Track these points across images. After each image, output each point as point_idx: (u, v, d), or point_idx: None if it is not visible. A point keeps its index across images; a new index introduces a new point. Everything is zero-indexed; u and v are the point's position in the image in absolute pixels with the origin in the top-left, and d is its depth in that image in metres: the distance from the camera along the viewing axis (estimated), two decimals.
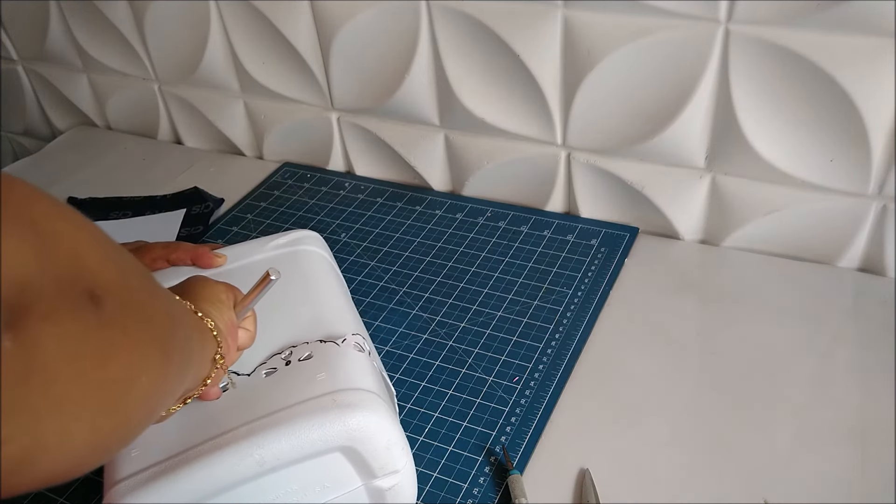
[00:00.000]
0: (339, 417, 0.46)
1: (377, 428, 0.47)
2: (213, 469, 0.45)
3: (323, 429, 0.46)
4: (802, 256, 0.75)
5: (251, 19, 0.89)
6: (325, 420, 0.46)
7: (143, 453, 0.46)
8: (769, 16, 0.63)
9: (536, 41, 0.73)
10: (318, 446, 0.46)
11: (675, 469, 0.58)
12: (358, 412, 0.47)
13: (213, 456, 0.45)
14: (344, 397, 0.47)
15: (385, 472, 0.49)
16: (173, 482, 0.44)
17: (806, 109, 0.66)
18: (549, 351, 0.68)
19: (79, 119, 1.18)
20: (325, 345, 0.52)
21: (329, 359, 0.51)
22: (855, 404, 0.60)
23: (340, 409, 0.46)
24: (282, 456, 0.45)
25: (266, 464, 0.45)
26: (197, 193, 0.95)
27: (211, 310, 0.46)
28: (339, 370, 0.50)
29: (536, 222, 0.84)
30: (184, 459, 0.45)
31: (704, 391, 0.63)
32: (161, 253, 0.60)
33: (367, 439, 0.47)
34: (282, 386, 0.49)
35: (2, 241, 0.25)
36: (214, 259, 0.60)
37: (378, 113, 0.89)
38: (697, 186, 0.76)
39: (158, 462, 0.46)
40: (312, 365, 0.50)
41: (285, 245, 0.62)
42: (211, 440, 0.46)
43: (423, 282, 0.78)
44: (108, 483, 0.46)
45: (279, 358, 0.51)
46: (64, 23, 1.05)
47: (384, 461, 0.49)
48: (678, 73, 0.69)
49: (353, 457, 0.48)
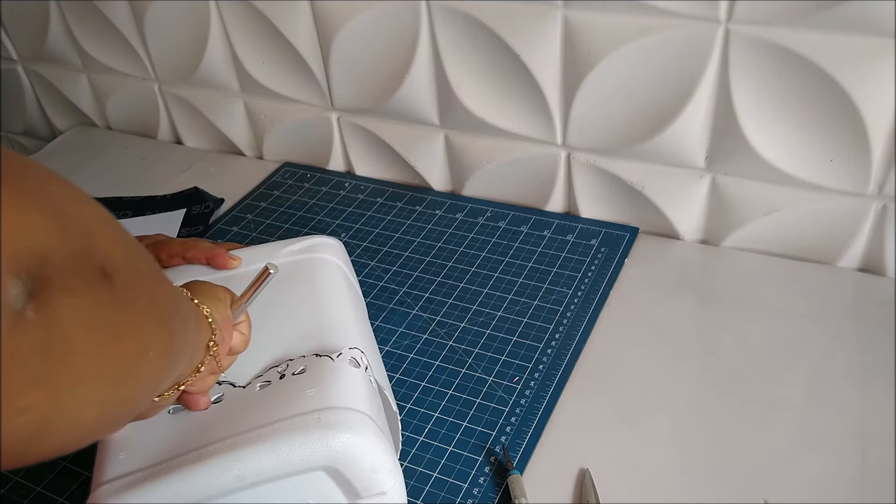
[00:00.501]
0: (322, 437, 0.45)
1: (362, 450, 0.46)
2: (194, 480, 0.44)
3: (304, 448, 0.44)
4: (802, 256, 0.75)
5: (251, 19, 0.89)
6: (307, 439, 0.45)
7: (131, 457, 0.46)
8: (769, 16, 0.63)
9: (536, 41, 0.73)
10: (299, 465, 0.45)
11: (675, 469, 0.58)
12: (342, 433, 0.45)
13: (194, 467, 0.44)
14: (330, 416, 0.45)
15: (370, 493, 0.47)
16: (154, 489, 0.44)
17: (806, 109, 0.66)
18: (549, 351, 0.68)
19: (79, 119, 1.18)
20: (319, 359, 0.50)
21: (321, 374, 0.49)
22: (855, 404, 0.61)
23: (324, 428, 0.45)
24: (262, 472, 0.44)
25: (245, 479, 0.44)
26: (197, 193, 0.95)
27: (207, 302, 0.46)
28: (329, 386, 0.48)
29: (536, 222, 0.84)
30: (167, 468, 0.45)
31: (704, 391, 0.63)
32: (178, 249, 0.60)
33: (351, 461, 0.45)
34: (272, 400, 0.48)
35: (25, 215, 0.26)
36: (229, 261, 0.60)
37: (378, 113, 0.89)
38: (697, 186, 0.76)
39: (144, 468, 0.45)
40: (304, 380, 0.49)
41: (300, 252, 0.61)
42: (195, 451, 0.45)
43: (423, 282, 0.78)
44: (95, 483, 0.46)
45: (275, 371, 0.50)
46: (64, 23, 1.05)
47: (369, 483, 0.47)
48: (678, 73, 0.69)
49: (337, 477, 0.46)
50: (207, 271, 0.59)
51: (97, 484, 0.46)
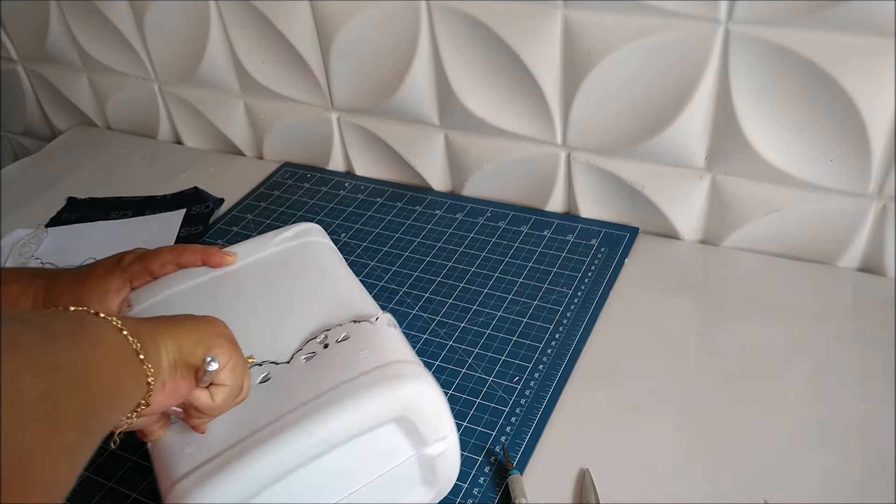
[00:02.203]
0: (393, 389, 0.48)
1: (428, 394, 0.49)
2: (279, 452, 0.45)
3: (379, 401, 0.47)
4: (802, 256, 0.75)
5: (251, 19, 0.89)
6: (381, 392, 0.47)
7: (198, 450, 0.46)
8: (769, 16, 0.63)
9: (536, 41, 0.73)
10: (377, 418, 0.47)
11: (675, 469, 0.58)
12: (410, 382, 0.48)
13: (276, 439, 0.45)
14: (393, 370, 0.49)
15: (435, 438, 0.51)
16: (238, 471, 0.45)
17: (806, 109, 0.66)
18: (549, 351, 0.68)
19: (79, 119, 1.18)
20: (359, 325, 0.53)
21: (367, 337, 0.52)
22: (855, 404, 0.60)
23: (392, 380, 0.48)
24: (344, 432, 0.46)
25: (330, 441, 0.46)
26: (197, 193, 0.95)
27: (176, 340, 0.44)
28: (380, 345, 0.51)
29: (536, 222, 0.84)
30: (245, 447, 0.45)
31: (704, 391, 0.63)
32: (169, 257, 0.60)
33: (420, 408, 0.49)
34: (327, 367, 0.50)
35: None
36: (225, 257, 0.60)
37: (378, 113, 0.89)
38: (697, 186, 0.76)
39: (216, 454, 0.46)
40: (351, 345, 0.51)
41: (292, 238, 0.63)
42: (268, 426, 0.46)
43: (423, 282, 0.78)
44: (167, 484, 0.46)
45: (315, 342, 0.52)
46: (64, 23, 1.05)
47: (434, 427, 0.50)
48: (678, 73, 0.69)
49: (407, 426, 0.49)
50: (203, 272, 0.59)
51: (171, 483, 0.45)
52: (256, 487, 0.45)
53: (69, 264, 0.86)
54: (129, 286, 0.59)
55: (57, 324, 0.37)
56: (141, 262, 0.59)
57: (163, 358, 0.43)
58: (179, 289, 0.58)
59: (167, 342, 0.43)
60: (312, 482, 0.47)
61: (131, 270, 0.59)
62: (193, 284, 0.58)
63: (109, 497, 0.61)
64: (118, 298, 0.59)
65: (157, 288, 0.58)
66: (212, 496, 0.44)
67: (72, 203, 0.97)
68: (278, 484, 0.46)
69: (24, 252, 0.88)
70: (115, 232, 0.91)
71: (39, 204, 0.98)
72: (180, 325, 0.45)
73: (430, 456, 0.51)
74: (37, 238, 0.90)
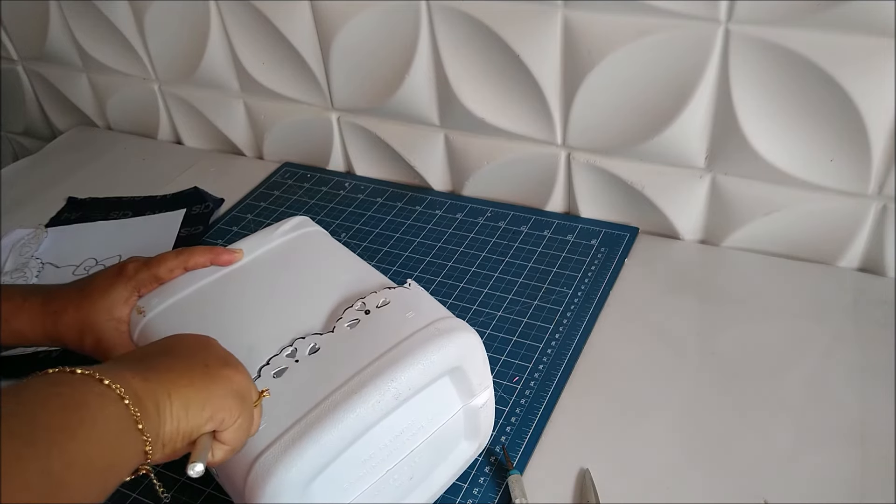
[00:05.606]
0: (449, 341, 0.51)
1: (476, 345, 0.53)
2: (358, 410, 0.46)
3: (441, 352, 0.50)
4: (802, 256, 0.75)
5: (251, 19, 0.89)
6: (440, 344, 0.50)
7: (272, 423, 0.47)
8: (769, 16, 0.63)
9: (536, 41, 0.73)
10: (439, 370, 0.50)
11: (675, 469, 0.58)
12: (462, 333, 0.52)
13: (353, 398, 0.46)
14: (443, 324, 0.52)
15: (482, 387, 0.54)
16: (319, 435, 0.45)
17: (806, 109, 0.66)
18: (549, 351, 0.68)
19: (79, 119, 1.18)
20: (396, 290, 0.55)
21: (408, 300, 0.54)
22: (855, 404, 0.60)
23: (446, 333, 0.51)
24: (413, 385, 0.49)
25: (401, 395, 0.48)
26: (197, 193, 0.95)
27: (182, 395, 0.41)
28: (423, 306, 0.54)
29: (536, 222, 0.84)
30: (321, 412, 0.46)
31: (704, 391, 0.63)
32: (176, 262, 0.60)
33: (473, 356, 0.52)
34: (377, 330, 0.52)
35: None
36: (233, 254, 0.61)
37: (378, 113, 0.89)
38: (697, 186, 0.76)
39: (292, 424, 0.46)
40: (395, 308, 0.54)
41: (291, 230, 0.64)
42: (340, 388, 0.47)
43: (423, 282, 0.77)
44: (243, 464, 0.45)
45: (354, 310, 0.54)
46: (64, 23, 1.05)
47: (482, 376, 0.54)
48: (678, 73, 0.69)
49: (459, 377, 0.52)
50: (210, 271, 0.60)
51: (250, 461, 0.45)
52: (338, 450, 0.46)
53: (69, 264, 0.87)
54: (136, 295, 0.59)
55: (45, 416, 0.34)
56: (148, 269, 0.60)
57: (166, 423, 0.40)
58: (192, 290, 0.58)
59: (174, 405, 0.41)
60: (379, 444, 0.49)
61: (138, 279, 0.59)
62: (205, 284, 0.59)
63: (109, 497, 0.61)
64: (127, 308, 0.59)
65: (168, 291, 0.59)
66: (299, 463, 0.44)
67: (72, 203, 0.97)
68: (354, 447, 0.47)
69: (24, 252, 0.88)
70: (114, 232, 0.91)
71: (39, 204, 0.98)
72: (190, 377, 0.42)
73: (476, 407, 0.55)
74: (37, 238, 0.90)
